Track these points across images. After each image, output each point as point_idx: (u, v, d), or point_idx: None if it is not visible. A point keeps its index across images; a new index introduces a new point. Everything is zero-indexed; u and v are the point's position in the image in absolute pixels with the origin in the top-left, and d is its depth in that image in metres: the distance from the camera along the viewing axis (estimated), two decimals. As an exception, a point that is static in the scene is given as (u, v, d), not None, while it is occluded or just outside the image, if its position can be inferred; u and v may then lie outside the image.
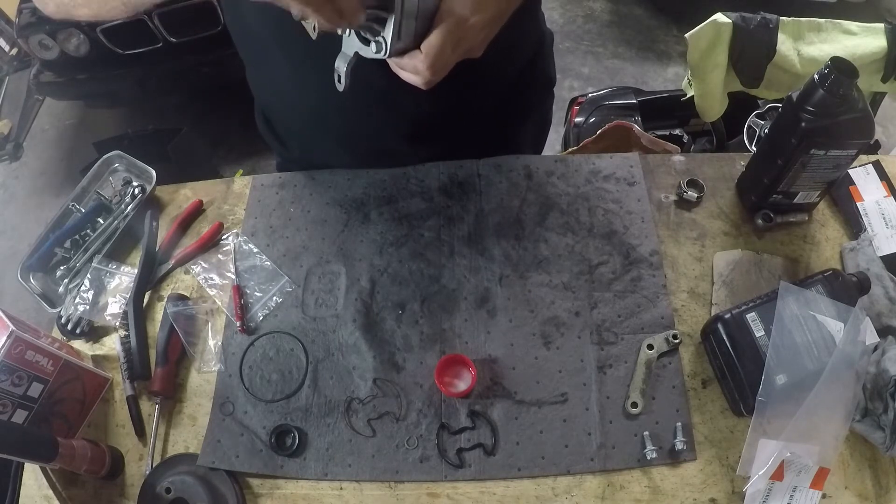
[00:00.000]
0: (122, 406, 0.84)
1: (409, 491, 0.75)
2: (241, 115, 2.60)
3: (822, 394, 0.69)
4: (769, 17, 1.24)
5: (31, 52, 2.37)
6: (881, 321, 0.78)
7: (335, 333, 0.85)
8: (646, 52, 2.93)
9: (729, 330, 0.75)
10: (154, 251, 0.95)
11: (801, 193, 0.85)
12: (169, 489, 0.74)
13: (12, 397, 0.74)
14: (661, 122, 1.81)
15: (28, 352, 0.75)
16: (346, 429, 0.79)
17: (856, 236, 0.88)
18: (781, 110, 0.80)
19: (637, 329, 0.82)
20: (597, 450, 0.75)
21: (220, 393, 0.83)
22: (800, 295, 0.74)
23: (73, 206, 1.02)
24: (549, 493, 0.74)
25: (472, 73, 0.88)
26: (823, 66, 0.73)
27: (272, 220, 0.97)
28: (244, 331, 0.87)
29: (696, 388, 0.79)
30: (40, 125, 3.14)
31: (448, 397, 0.79)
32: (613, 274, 0.87)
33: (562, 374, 0.80)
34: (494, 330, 0.83)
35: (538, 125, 1.13)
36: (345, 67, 0.63)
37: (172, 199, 1.03)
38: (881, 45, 1.23)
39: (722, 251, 0.88)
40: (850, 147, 0.77)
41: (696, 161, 0.98)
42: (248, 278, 0.91)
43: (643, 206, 0.92)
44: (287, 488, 0.77)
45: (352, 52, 0.63)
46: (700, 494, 0.72)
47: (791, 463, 0.69)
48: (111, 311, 0.91)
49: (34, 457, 0.72)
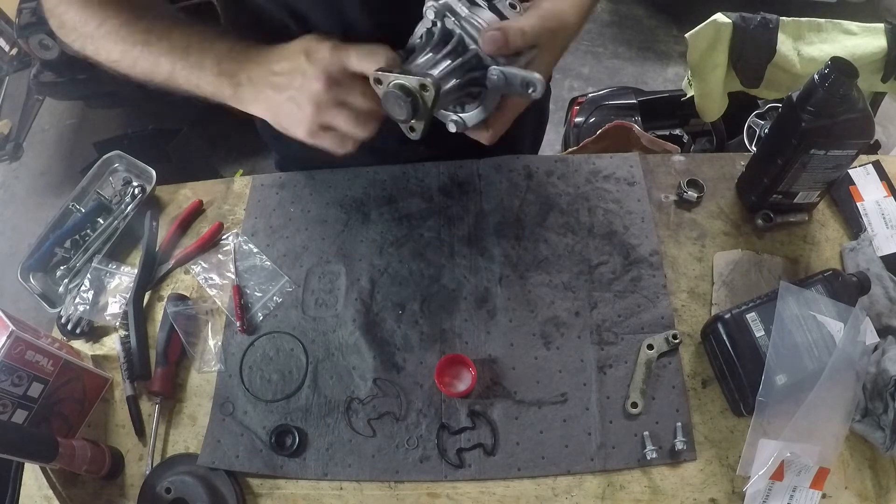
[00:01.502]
0: (122, 406, 0.84)
1: (409, 491, 0.75)
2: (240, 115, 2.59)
3: (822, 394, 0.69)
4: (769, 17, 1.24)
5: (31, 52, 2.37)
6: (881, 321, 0.78)
7: (335, 333, 0.85)
8: (646, 52, 2.92)
9: (729, 330, 0.75)
10: (154, 251, 0.95)
11: (801, 193, 0.85)
12: (169, 489, 0.74)
13: (12, 397, 0.74)
14: (661, 122, 1.81)
15: (28, 352, 0.75)
16: (346, 429, 0.79)
17: (856, 236, 0.88)
18: (781, 110, 0.80)
19: (637, 329, 0.82)
20: (597, 450, 0.75)
21: (220, 393, 0.83)
22: (800, 295, 0.74)
23: (73, 206, 1.02)
24: (549, 493, 0.74)
25: None
26: (823, 66, 0.73)
27: (272, 220, 0.97)
28: (244, 331, 0.87)
29: (696, 388, 0.79)
30: (40, 125, 3.14)
31: (448, 397, 0.79)
32: (613, 274, 0.87)
33: (562, 374, 0.80)
34: (494, 330, 0.83)
35: (536, 122, 1.13)
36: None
37: (172, 199, 1.03)
38: (881, 45, 1.23)
39: (722, 251, 0.88)
40: (850, 147, 0.77)
41: (696, 161, 0.98)
42: (248, 278, 0.91)
43: (643, 206, 0.92)
44: (287, 488, 0.77)
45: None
46: (700, 494, 0.72)
47: (791, 463, 0.69)
48: (111, 311, 0.91)
49: (34, 457, 0.72)
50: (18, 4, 2.39)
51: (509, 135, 1.02)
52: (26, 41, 2.32)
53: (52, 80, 2.44)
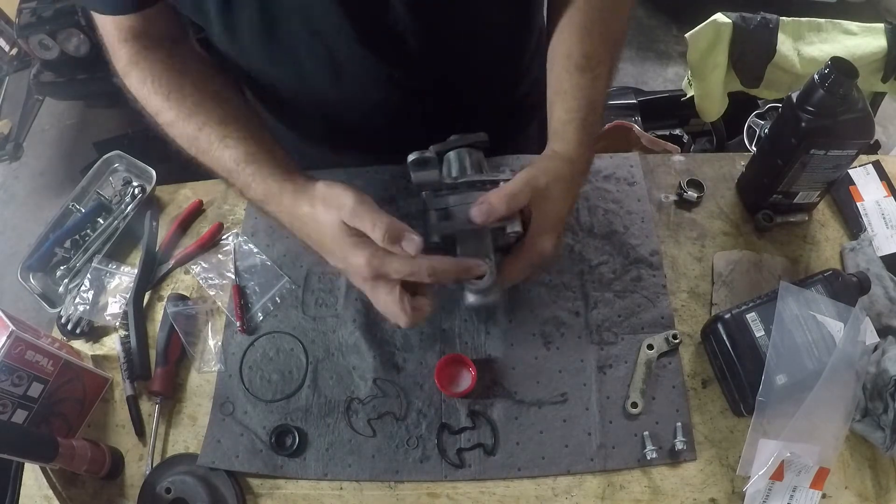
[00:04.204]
0: (122, 406, 0.84)
1: (409, 491, 0.75)
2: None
3: (822, 394, 0.69)
4: (769, 17, 1.25)
5: (31, 52, 2.37)
6: (881, 321, 0.78)
7: (335, 333, 0.85)
8: (646, 52, 2.92)
9: (729, 330, 0.75)
10: (154, 251, 0.95)
11: (801, 193, 0.85)
12: (169, 489, 0.74)
13: (12, 397, 0.74)
14: (661, 122, 1.81)
15: (28, 352, 0.75)
16: (346, 429, 0.79)
17: (856, 236, 0.88)
18: (781, 110, 0.80)
19: (637, 329, 0.82)
20: (597, 450, 0.75)
21: (220, 393, 0.83)
22: (800, 295, 0.74)
23: (73, 206, 1.02)
24: (549, 493, 0.74)
25: (476, 85, 0.88)
26: (823, 66, 0.73)
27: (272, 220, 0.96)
28: (244, 331, 0.87)
29: (696, 388, 0.79)
30: (40, 125, 3.14)
31: (448, 397, 0.79)
32: (613, 274, 0.87)
33: (562, 374, 0.80)
34: (494, 330, 0.83)
35: (540, 128, 1.13)
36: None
37: (172, 199, 1.03)
38: (881, 45, 1.24)
39: (722, 251, 0.88)
40: (850, 147, 0.77)
41: (696, 161, 0.98)
42: (248, 278, 0.91)
43: (643, 206, 0.92)
44: (287, 488, 0.77)
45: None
46: (700, 494, 0.72)
47: (791, 463, 0.69)
48: (111, 311, 0.91)
49: (34, 457, 0.72)
50: (18, 4, 2.39)
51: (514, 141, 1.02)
52: (26, 41, 2.32)
53: (52, 80, 2.44)
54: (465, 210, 0.64)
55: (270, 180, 0.66)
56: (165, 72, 0.72)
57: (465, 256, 0.64)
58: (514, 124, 1.02)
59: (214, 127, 0.69)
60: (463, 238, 0.65)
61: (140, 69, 0.72)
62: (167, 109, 0.71)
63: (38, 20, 2.27)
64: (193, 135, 0.69)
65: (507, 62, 0.91)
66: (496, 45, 0.85)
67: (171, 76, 0.71)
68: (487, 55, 0.85)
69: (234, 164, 0.67)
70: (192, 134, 0.69)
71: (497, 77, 0.91)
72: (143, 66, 0.72)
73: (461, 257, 0.65)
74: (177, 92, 0.71)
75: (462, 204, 0.65)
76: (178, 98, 0.70)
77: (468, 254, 0.64)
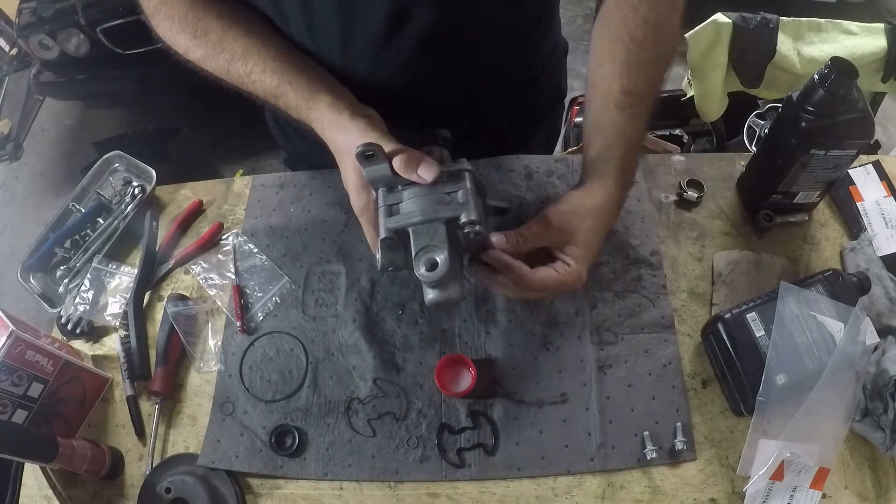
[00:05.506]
0: (122, 406, 0.84)
1: (409, 491, 0.75)
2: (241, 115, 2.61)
3: (822, 394, 0.69)
4: (769, 17, 1.24)
5: (31, 52, 2.38)
6: (881, 321, 0.78)
7: (335, 333, 0.85)
8: (646, 52, 2.92)
9: (729, 330, 0.75)
10: (154, 251, 0.95)
11: (801, 193, 0.85)
12: (169, 489, 0.74)
13: (12, 397, 0.74)
14: (660, 122, 1.81)
15: (28, 352, 0.75)
16: (346, 429, 0.79)
17: (856, 236, 0.88)
18: (781, 110, 0.80)
19: (637, 329, 0.82)
20: (597, 450, 0.75)
21: (220, 393, 0.83)
22: (800, 295, 0.74)
23: (73, 206, 1.02)
24: (549, 493, 0.74)
25: (485, 89, 0.88)
26: (823, 66, 0.73)
27: (272, 220, 0.97)
28: (244, 331, 0.87)
29: (696, 388, 0.79)
30: (40, 125, 3.14)
31: (448, 397, 0.79)
32: (613, 274, 0.87)
33: (562, 374, 0.80)
34: (494, 330, 0.83)
35: (547, 134, 1.13)
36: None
37: (172, 199, 1.03)
38: (881, 45, 1.24)
39: (722, 251, 0.88)
40: (850, 147, 0.77)
41: (696, 161, 0.97)
42: (248, 278, 0.91)
43: (643, 206, 0.92)
44: (287, 488, 0.77)
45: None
46: (700, 494, 0.72)
47: (791, 463, 0.69)
48: (111, 311, 0.91)
49: (34, 457, 0.72)
50: (18, 4, 2.40)
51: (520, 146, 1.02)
52: (26, 41, 2.32)
53: (52, 80, 2.44)
54: (419, 203, 0.63)
55: (293, 114, 0.73)
56: (191, 9, 0.74)
57: (418, 250, 0.62)
58: (520, 132, 1.02)
59: (238, 61, 0.73)
60: (417, 232, 0.64)
61: (168, 6, 0.74)
62: (196, 47, 0.74)
63: (38, 20, 2.28)
64: (224, 68, 0.74)
65: (519, 65, 0.91)
66: (510, 47, 0.85)
67: (197, 13, 0.74)
68: (500, 57, 0.84)
69: (264, 97, 0.74)
70: (222, 67, 0.74)
71: (509, 79, 0.91)
72: (170, 2, 0.75)
73: (413, 238, 0.63)
74: (203, 28, 0.74)
75: (416, 197, 0.64)
76: (203, 34, 0.73)
77: (421, 247, 0.63)
